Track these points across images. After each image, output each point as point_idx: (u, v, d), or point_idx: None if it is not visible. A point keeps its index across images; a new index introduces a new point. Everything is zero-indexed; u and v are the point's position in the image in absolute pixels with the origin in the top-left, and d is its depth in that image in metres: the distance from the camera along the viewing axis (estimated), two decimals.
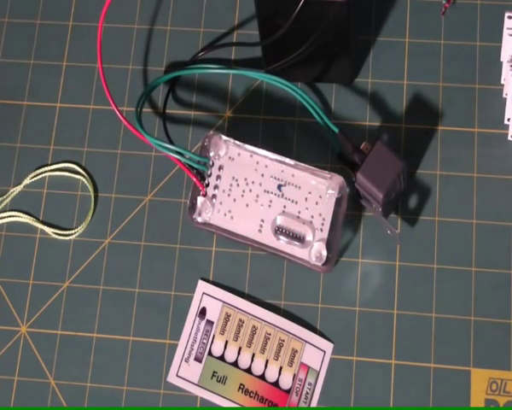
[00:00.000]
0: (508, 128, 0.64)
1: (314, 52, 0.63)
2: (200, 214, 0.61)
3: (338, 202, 0.60)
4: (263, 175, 0.61)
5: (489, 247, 0.62)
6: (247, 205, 0.61)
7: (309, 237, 0.60)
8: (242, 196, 0.61)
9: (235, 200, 0.61)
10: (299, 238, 0.60)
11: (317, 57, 0.63)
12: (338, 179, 0.60)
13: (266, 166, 0.61)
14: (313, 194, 0.60)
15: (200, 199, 0.61)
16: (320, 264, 0.59)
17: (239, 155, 0.61)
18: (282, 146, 0.65)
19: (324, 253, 0.59)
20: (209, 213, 0.61)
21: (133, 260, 0.64)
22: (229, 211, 0.61)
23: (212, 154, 0.61)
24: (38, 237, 0.66)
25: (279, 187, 0.61)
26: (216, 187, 0.61)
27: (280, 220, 0.60)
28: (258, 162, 0.61)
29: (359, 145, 0.60)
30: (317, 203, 0.60)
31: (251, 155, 0.61)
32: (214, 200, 0.61)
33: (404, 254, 0.62)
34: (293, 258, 0.60)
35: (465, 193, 0.63)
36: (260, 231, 0.61)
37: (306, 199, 0.60)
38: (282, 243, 0.60)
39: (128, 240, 0.65)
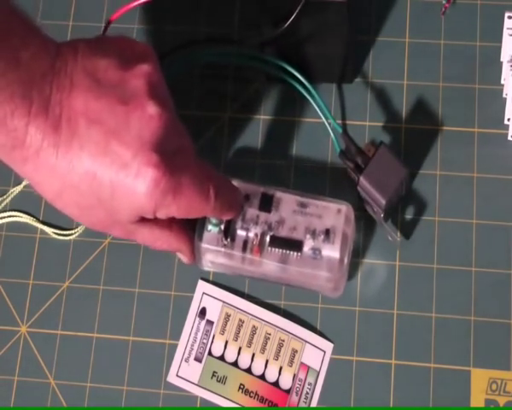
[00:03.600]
0: (508, 128, 0.64)
1: (314, 52, 0.63)
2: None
3: None
4: None
5: (489, 247, 0.62)
6: None
7: None
8: None
9: None
10: None
11: (317, 57, 0.63)
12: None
13: None
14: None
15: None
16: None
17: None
18: (282, 146, 0.65)
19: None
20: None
21: (133, 260, 0.64)
22: None
23: None
24: (38, 237, 0.66)
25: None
26: None
27: None
28: None
29: (361, 146, 0.60)
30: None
31: None
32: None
33: (404, 254, 0.62)
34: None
35: (465, 193, 0.63)
36: None
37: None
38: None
39: (128, 240, 0.65)
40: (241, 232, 0.59)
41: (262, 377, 0.61)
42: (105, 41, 0.53)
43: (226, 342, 0.62)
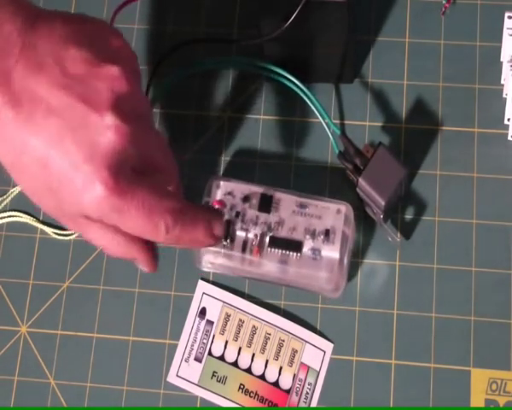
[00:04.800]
0: (508, 128, 0.64)
1: (314, 52, 0.63)
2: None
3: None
4: None
5: (489, 247, 0.62)
6: None
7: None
8: None
9: None
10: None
11: (317, 57, 0.63)
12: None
13: None
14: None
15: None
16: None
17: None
18: (281, 146, 0.65)
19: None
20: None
21: None
22: None
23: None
24: (38, 237, 0.66)
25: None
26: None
27: None
28: None
29: (360, 146, 0.60)
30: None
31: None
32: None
33: (404, 254, 0.62)
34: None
35: (465, 193, 0.63)
36: None
37: None
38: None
39: None
40: (240, 233, 0.59)
41: (262, 377, 0.61)
42: (84, 24, 0.52)
43: (226, 342, 0.62)
